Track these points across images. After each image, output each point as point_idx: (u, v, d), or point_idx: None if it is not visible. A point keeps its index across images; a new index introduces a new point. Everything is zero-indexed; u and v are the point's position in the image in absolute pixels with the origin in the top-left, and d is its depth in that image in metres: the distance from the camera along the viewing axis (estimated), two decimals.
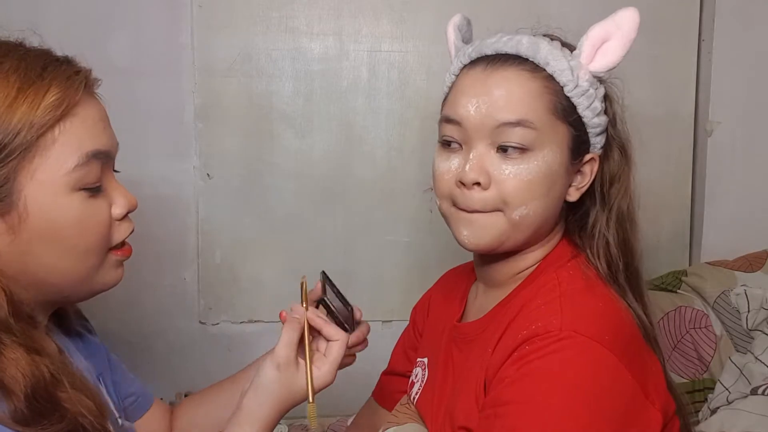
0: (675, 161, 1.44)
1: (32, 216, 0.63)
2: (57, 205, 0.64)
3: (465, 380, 0.77)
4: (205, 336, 1.41)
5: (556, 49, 0.76)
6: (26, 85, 0.62)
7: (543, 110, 0.73)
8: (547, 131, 0.73)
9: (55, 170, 0.63)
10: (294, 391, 0.74)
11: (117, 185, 0.71)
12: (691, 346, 1.21)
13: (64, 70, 0.66)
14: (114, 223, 0.70)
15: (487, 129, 0.73)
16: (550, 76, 0.75)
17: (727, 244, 1.39)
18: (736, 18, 1.39)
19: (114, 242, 0.70)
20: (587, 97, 0.75)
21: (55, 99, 0.63)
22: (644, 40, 1.38)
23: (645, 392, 0.69)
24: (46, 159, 0.63)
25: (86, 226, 0.66)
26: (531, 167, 0.73)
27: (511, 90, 0.74)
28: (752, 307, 1.19)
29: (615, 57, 0.76)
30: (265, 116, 1.35)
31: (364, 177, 1.37)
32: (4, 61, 0.64)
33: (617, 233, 0.78)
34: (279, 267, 1.39)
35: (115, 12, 1.29)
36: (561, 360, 0.66)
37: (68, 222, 0.65)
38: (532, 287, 0.76)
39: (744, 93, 1.41)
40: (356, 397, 1.09)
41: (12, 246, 0.63)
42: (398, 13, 1.35)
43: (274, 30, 1.34)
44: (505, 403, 0.67)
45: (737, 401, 1.06)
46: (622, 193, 0.79)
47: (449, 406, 0.78)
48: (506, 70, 0.75)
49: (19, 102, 0.61)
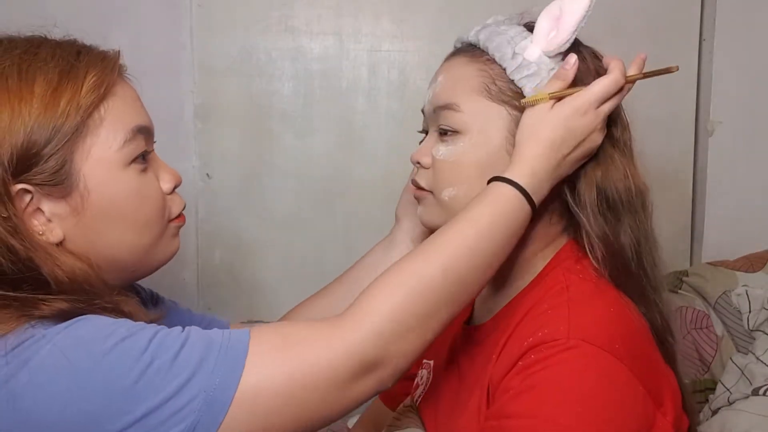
0: (675, 161, 1.43)
1: (93, 194, 0.65)
2: (114, 181, 0.66)
3: (470, 386, 0.75)
4: None
5: (502, 34, 0.75)
6: (66, 70, 0.65)
7: (472, 93, 0.74)
8: (476, 113, 0.73)
9: (107, 147, 0.66)
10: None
11: (161, 162, 0.75)
12: (692, 346, 1.21)
13: (96, 53, 0.69)
14: (166, 197, 0.73)
15: (430, 114, 0.78)
16: (491, 60, 0.75)
17: (728, 244, 1.38)
18: (737, 18, 1.39)
19: (172, 215, 0.74)
20: (532, 77, 0.73)
21: (96, 80, 0.65)
22: (645, 40, 1.39)
23: (657, 403, 0.66)
24: (97, 137, 0.65)
25: (143, 199, 0.69)
26: (457, 148, 0.74)
27: (447, 76, 0.77)
28: (753, 307, 1.19)
29: (565, 34, 0.73)
30: (265, 116, 1.35)
31: (364, 177, 1.37)
32: (39, 50, 0.66)
33: (597, 228, 0.72)
34: (279, 267, 1.39)
35: (114, 11, 1.29)
36: (568, 372, 0.62)
37: (127, 196, 0.67)
38: (540, 289, 0.73)
39: (745, 93, 1.40)
40: None
41: (77, 228, 0.65)
42: (398, 13, 1.35)
43: (274, 30, 1.34)
44: (509, 417, 0.63)
45: (738, 402, 1.06)
46: (587, 182, 0.73)
47: (452, 412, 0.77)
48: (453, 58, 0.79)
49: (63, 86, 0.64)
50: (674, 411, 0.68)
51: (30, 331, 0.58)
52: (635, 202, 0.74)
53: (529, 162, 0.69)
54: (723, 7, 1.38)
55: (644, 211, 0.75)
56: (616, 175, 0.73)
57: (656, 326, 0.73)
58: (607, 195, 0.73)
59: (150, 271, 0.74)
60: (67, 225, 0.65)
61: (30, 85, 0.63)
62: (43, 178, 0.62)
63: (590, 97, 0.71)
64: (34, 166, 0.62)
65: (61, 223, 0.65)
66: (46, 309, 0.59)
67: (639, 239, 0.74)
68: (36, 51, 0.66)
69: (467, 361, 0.79)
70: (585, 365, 0.63)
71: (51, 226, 0.64)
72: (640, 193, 0.75)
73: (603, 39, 1.36)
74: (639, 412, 0.64)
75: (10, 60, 0.64)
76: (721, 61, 1.39)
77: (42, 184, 0.63)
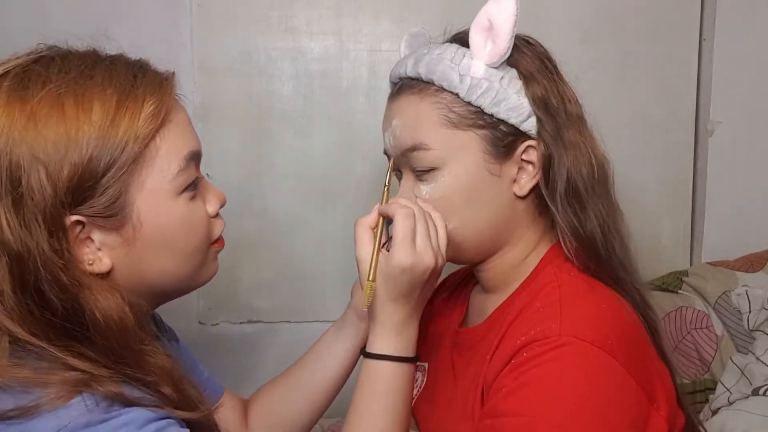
0: (675, 161, 1.43)
1: (145, 225, 0.64)
2: (166, 211, 0.65)
3: (464, 388, 0.75)
4: (204, 336, 1.40)
5: (441, 61, 0.74)
6: (123, 97, 0.63)
7: (435, 127, 0.73)
8: (446, 146, 0.73)
9: (161, 178, 0.65)
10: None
11: (206, 183, 0.73)
12: (692, 346, 1.21)
13: (152, 77, 0.67)
14: (210, 219, 0.72)
15: (399, 158, 0.77)
16: (440, 89, 0.74)
17: (728, 244, 1.38)
18: (737, 17, 1.39)
19: (213, 238, 0.73)
20: (486, 93, 0.72)
21: (153, 108, 0.64)
22: (644, 40, 1.39)
23: (650, 398, 0.66)
24: (152, 168, 0.64)
25: (192, 227, 0.68)
26: (440, 184, 0.74)
27: (403, 117, 0.76)
28: (753, 307, 1.19)
29: (504, 43, 0.71)
30: (265, 116, 1.35)
31: (364, 177, 1.37)
32: (94, 73, 0.63)
33: (566, 220, 0.73)
34: (279, 267, 1.39)
35: (114, 11, 1.29)
36: (560, 369, 0.63)
37: (177, 225, 0.66)
38: (531, 288, 0.74)
39: (745, 92, 1.40)
40: None
41: (127, 258, 0.64)
42: (398, 13, 1.35)
43: (274, 29, 1.34)
44: (502, 415, 0.64)
45: (738, 402, 1.06)
46: (560, 175, 0.73)
47: (447, 414, 0.77)
48: (399, 97, 0.78)
49: (120, 115, 0.62)
50: (668, 406, 0.68)
51: (84, 412, 0.57)
52: (598, 182, 0.74)
53: (388, 323, 0.72)
54: (723, 7, 1.38)
55: (606, 185, 0.76)
56: (581, 159, 0.74)
57: (636, 303, 0.73)
58: (574, 183, 0.73)
59: (185, 293, 0.73)
60: (116, 255, 0.64)
61: (87, 114, 0.60)
62: (97, 210, 0.61)
63: (397, 249, 0.70)
64: (90, 198, 0.61)
65: (111, 252, 0.64)
66: (99, 389, 0.58)
67: (605, 222, 0.74)
68: (91, 73, 0.63)
69: (462, 363, 0.80)
70: (577, 361, 0.63)
71: (100, 255, 0.63)
72: (601, 167, 0.75)
73: (603, 39, 1.37)
74: (632, 408, 0.64)
75: (65, 85, 0.61)
76: (721, 61, 1.39)
77: (96, 216, 0.61)
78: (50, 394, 0.57)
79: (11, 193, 0.58)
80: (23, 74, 0.61)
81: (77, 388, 0.58)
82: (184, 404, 0.64)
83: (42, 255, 0.59)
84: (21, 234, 0.58)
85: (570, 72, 0.81)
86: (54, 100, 0.60)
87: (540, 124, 0.74)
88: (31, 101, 0.60)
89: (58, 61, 0.63)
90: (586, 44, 1.34)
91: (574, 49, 1.33)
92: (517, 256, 0.78)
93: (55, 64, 0.63)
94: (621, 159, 0.79)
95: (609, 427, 0.62)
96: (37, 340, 0.59)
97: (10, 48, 0.66)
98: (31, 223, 0.59)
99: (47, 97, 0.60)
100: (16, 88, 0.61)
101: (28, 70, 0.62)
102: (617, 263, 0.74)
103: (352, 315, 0.88)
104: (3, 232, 0.58)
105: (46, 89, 0.60)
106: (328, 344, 0.89)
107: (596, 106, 0.80)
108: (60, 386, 0.58)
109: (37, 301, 0.59)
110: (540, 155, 0.74)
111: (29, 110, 0.59)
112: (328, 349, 0.88)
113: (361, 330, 0.87)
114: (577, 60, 1.33)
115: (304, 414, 0.88)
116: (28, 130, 0.59)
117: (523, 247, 0.77)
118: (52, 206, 0.59)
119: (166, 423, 0.60)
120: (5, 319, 0.59)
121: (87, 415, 0.57)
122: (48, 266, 0.59)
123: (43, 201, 0.59)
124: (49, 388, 0.57)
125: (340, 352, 0.87)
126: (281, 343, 1.39)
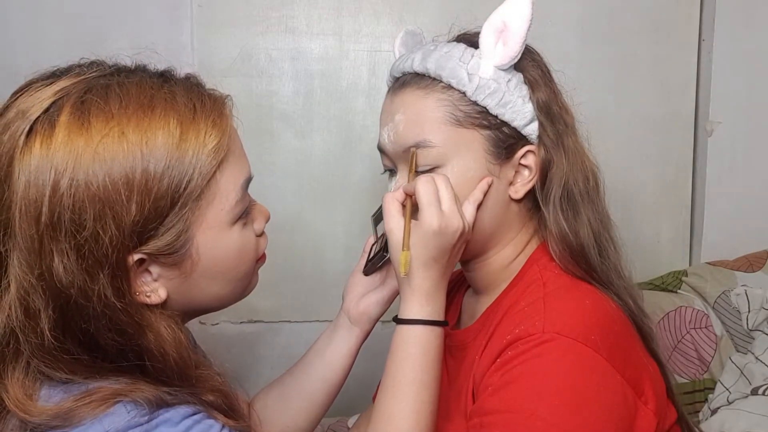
0: (675, 161, 1.43)
1: (203, 258, 0.63)
2: (222, 243, 0.65)
3: (458, 389, 0.76)
4: (204, 336, 1.40)
5: (450, 58, 0.74)
6: (185, 130, 0.60)
7: (440, 125, 0.73)
8: (450, 144, 0.73)
9: (220, 210, 0.63)
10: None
11: (254, 202, 0.72)
12: (692, 346, 1.21)
13: (211, 106, 0.64)
14: (257, 239, 0.71)
15: (399, 154, 0.76)
16: (447, 86, 0.74)
17: (727, 244, 1.39)
18: (737, 18, 1.39)
19: (259, 255, 0.72)
20: (494, 94, 0.73)
21: (216, 142, 0.62)
22: (644, 40, 1.39)
23: (637, 392, 0.66)
24: (212, 202, 0.62)
25: (244, 254, 0.68)
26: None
27: (407, 113, 0.75)
28: (752, 307, 1.19)
29: (516, 45, 0.72)
30: (265, 116, 1.35)
31: (364, 177, 1.37)
32: (155, 103, 0.60)
33: (557, 226, 0.74)
34: (278, 267, 1.39)
35: (114, 11, 1.29)
36: (544, 365, 0.64)
37: (232, 256, 0.66)
38: (518, 288, 0.74)
39: (744, 93, 1.41)
40: (356, 397, 1.09)
41: (181, 287, 0.64)
42: (398, 13, 1.35)
43: (274, 30, 1.34)
44: (489, 413, 0.65)
45: (737, 401, 1.06)
46: (557, 181, 0.74)
47: (443, 415, 0.77)
48: (404, 92, 0.77)
49: (183, 150, 0.59)
50: (656, 399, 0.69)
51: (125, 417, 0.57)
52: (592, 189, 0.76)
53: (418, 289, 0.71)
54: (722, 8, 1.38)
55: (597, 194, 0.77)
56: (578, 166, 0.75)
57: (630, 309, 0.73)
58: (569, 190, 0.74)
59: (224, 308, 0.73)
60: (172, 285, 0.63)
61: (152, 149, 0.58)
62: (159, 247, 0.60)
63: (425, 212, 0.70)
64: (154, 237, 0.59)
65: (167, 283, 0.63)
66: (140, 395, 0.58)
67: (598, 230, 0.75)
68: (152, 105, 0.60)
69: (455, 365, 0.80)
70: (560, 357, 0.64)
71: (156, 286, 0.63)
72: (594, 176, 0.77)
73: (603, 39, 1.37)
74: (618, 401, 0.64)
75: (126, 119, 0.58)
76: (721, 61, 1.39)
77: (158, 254, 0.60)
78: (92, 404, 0.57)
79: (74, 237, 0.56)
80: (81, 106, 0.58)
81: (117, 397, 0.58)
82: (232, 415, 0.64)
83: (102, 300, 0.57)
84: (79, 279, 0.56)
85: (570, 72, 0.81)
86: (118, 137, 0.57)
87: (542, 129, 0.75)
88: (95, 139, 0.57)
89: (116, 89, 0.60)
90: (585, 44, 1.34)
91: (574, 49, 1.34)
92: (507, 256, 0.78)
93: (113, 94, 0.59)
94: (620, 159, 0.79)
95: (594, 420, 0.62)
96: (80, 378, 0.59)
97: (9, 47, 0.65)
98: (93, 268, 0.57)
99: (111, 135, 0.57)
100: (76, 123, 0.57)
101: (86, 101, 0.58)
102: (611, 268, 0.75)
103: (344, 318, 0.88)
104: (59, 276, 0.56)
105: (109, 127, 0.57)
106: (322, 346, 0.89)
107: (596, 106, 0.80)
108: (101, 396, 0.58)
109: (83, 343, 0.58)
110: (539, 160, 0.74)
111: (93, 150, 0.56)
112: (322, 351, 0.88)
113: (354, 333, 0.87)
114: (577, 60, 1.33)
115: (303, 419, 0.87)
116: (94, 171, 0.56)
117: (512, 248, 0.78)
118: (116, 249, 0.57)
119: (201, 416, 0.60)
120: (40, 364, 0.58)
121: (129, 419, 0.57)
122: (107, 310, 0.58)
123: (108, 244, 0.57)
124: (92, 400, 0.58)
125: (334, 356, 0.86)
126: (281, 343, 1.39)
